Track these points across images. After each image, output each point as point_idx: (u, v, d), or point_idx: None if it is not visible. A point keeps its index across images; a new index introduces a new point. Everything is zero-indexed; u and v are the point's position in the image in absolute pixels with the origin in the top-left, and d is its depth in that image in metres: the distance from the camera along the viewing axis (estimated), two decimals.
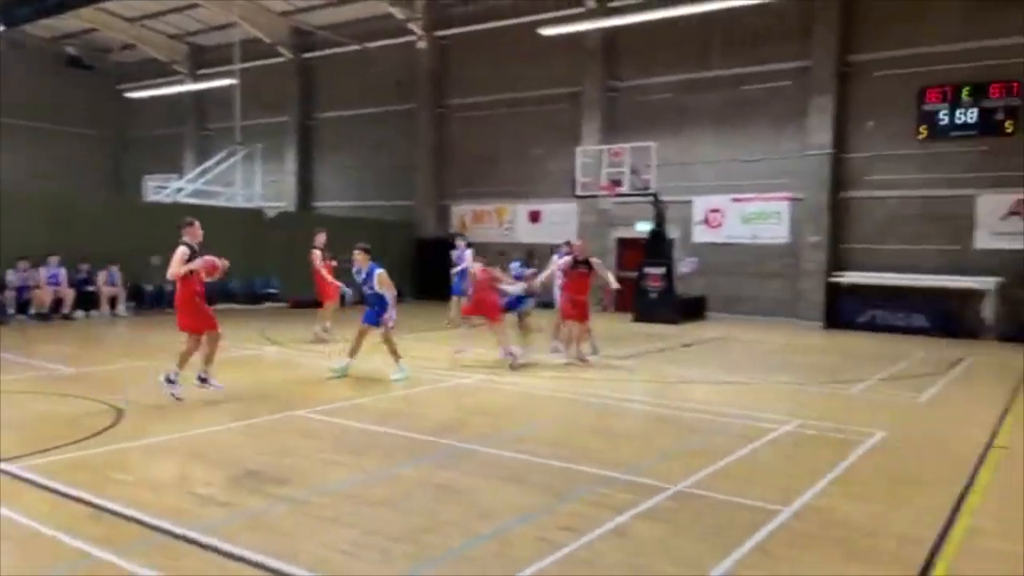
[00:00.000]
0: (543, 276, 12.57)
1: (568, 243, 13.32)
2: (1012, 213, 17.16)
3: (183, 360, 8.19)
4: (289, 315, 18.90)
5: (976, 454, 6.77)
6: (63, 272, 16.21)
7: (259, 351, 12.27)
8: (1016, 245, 17.09)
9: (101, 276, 16.95)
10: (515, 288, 11.76)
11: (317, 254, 13.56)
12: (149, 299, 17.89)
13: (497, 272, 11.85)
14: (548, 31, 20.26)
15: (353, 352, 9.98)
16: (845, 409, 8.84)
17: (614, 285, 12.11)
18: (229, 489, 5.25)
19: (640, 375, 10.92)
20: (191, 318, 8.26)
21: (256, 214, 21.89)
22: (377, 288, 9.82)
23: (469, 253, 14.68)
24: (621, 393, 9.29)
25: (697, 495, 5.38)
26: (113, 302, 17.10)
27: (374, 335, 10.07)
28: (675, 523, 4.81)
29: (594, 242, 21.53)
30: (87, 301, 16.72)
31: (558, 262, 12.25)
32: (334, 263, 13.71)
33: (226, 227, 20.51)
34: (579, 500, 5.22)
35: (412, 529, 4.56)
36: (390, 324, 9.81)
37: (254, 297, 20.50)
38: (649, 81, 21.62)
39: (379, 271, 9.86)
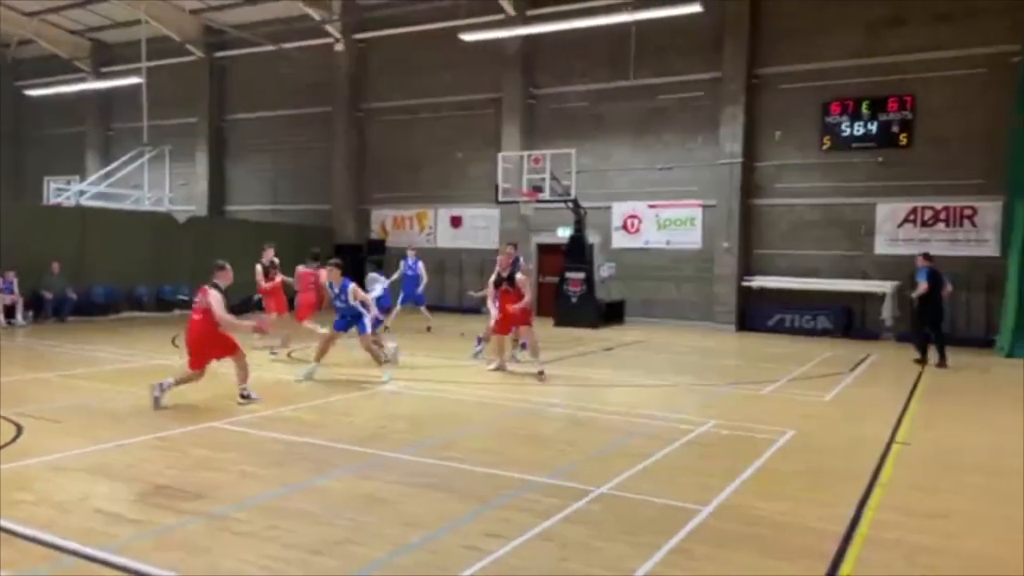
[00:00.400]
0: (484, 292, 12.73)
1: (513, 245, 12.69)
2: (907, 220, 18.17)
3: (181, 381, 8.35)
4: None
5: (879, 450, 7.12)
6: None
7: (169, 361, 11.79)
8: (911, 250, 18.07)
9: None
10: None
11: (259, 269, 12.94)
12: (49, 308, 16.94)
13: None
14: (469, 36, 20.30)
15: (319, 356, 10.26)
16: (757, 409, 9.16)
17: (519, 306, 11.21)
18: (138, 506, 5.03)
19: (562, 379, 11.04)
20: (216, 348, 8.36)
21: (166, 218, 21.08)
22: (351, 301, 10.18)
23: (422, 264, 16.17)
24: (544, 397, 9.37)
25: (620, 497, 5.48)
26: (10, 311, 16.14)
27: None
28: (600, 525, 4.88)
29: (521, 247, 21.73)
30: None
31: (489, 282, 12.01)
32: (277, 279, 13.06)
33: (134, 232, 19.79)
34: (506, 506, 5.23)
35: (335, 541, 4.47)
36: (372, 329, 10.60)
37: (163, 304, 19.69)
38: (567, 89, 21.93)
39: (352, 285, 10.20)
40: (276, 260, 13.16)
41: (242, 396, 8.44)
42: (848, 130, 18.72)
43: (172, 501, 5.12)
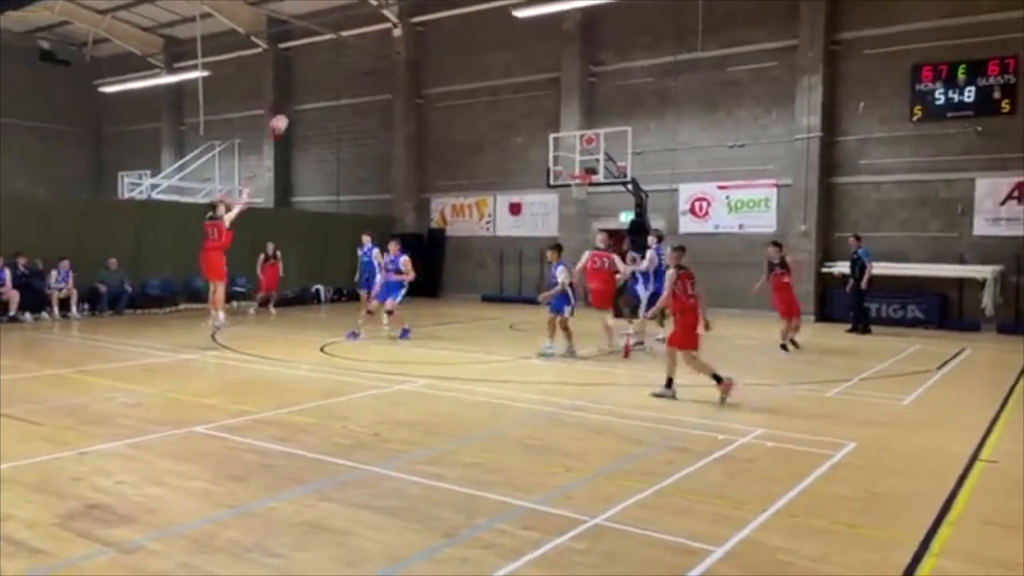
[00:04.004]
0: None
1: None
2: (1011, 197, 16.21)
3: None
4: (255, 315, 18.09)
5: (958, 470, 5.90)
6: (7, 273, 15.37)
7: (199, 356, 11.44)
8: (1016, 231, 16.14)
9: (52, 275, 16.11)
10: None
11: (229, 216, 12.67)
12: (105, 301, 17.03)
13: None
14: (522, 12, 19.32)
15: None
16: (816, 415, 7.97)
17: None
18: (53, 531, 4.41)
19: (601, 377, 10.07)
20: None
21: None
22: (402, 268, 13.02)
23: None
24: (570, 399, 8.42)
25: (615, 531, 4.53)
26: (65, 304, 16.28)
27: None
28: (574, 573, 3.96)
29: (576, 234, 20.73)
30: (35, 303, 15.88)
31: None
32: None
33: (190, 224, 19.72)
34: (471, 541, 4.37)
35: None
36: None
37: None
38: (630, 65, 20.68)
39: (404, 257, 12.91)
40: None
41: None
42: (942, 98, 16.83)
43: (94, 526, 4.49)
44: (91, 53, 31.67)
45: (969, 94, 16.54)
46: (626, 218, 19.57)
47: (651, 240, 13.38)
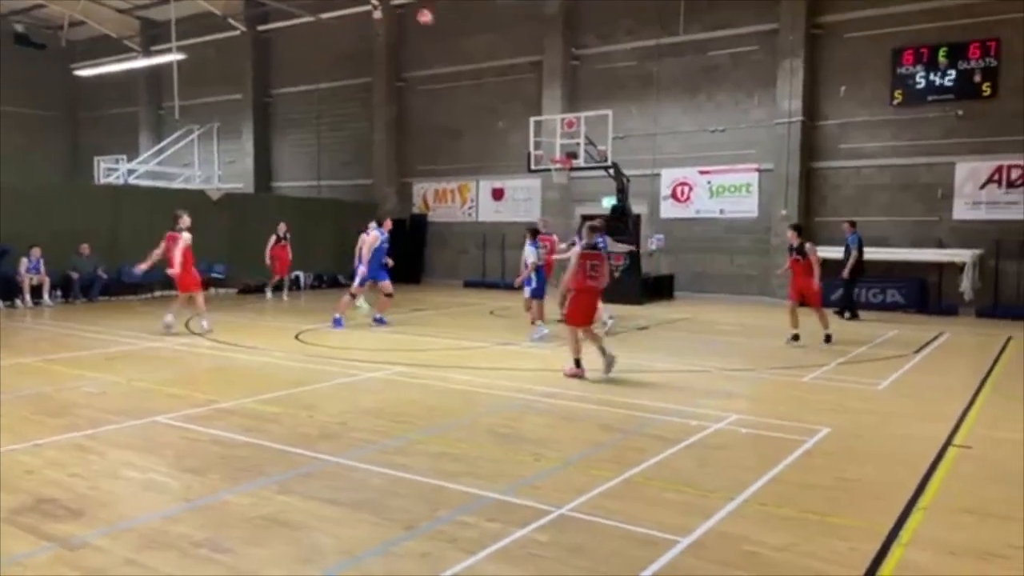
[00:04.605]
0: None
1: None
2: (991, 181, 16.21)
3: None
4: (232, 301, 17.86)
5: (931, 456, 5.84)
6: None
7: (169, 344, 11.23)
8: (995, 215, 16.16)
9: (23, 263, 15.80)
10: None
11: (188, 237, 12.08)
12: (77, 288, 16.74)
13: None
14: None
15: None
16: (792, 400, 7.92)
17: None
18: (1, 526, 4.26)
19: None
20: None
21: (199, 196, 20.72)
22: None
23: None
24: (546, 386, 8.31)
25: (580, 521, 4.43)
26: (37, 291, 15.99)
27: None
28: (535, 566, 3.85)
29: (558, 219, 20.57)
30: (6, 290, 15.59)
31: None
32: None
33: (167, 210, 19.35)
34: (434, 533, 4.25)
35: None
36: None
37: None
38: (612, 48, 20.52)
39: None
40: None
41: None
42: (923, 81, 16.79)
43: (42, 521, 4.33)
44: (67, 36, 31.03)
45: (950, 77, 16.51)
46: (608, 203, 19.49)
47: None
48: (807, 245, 11.54)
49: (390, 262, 13.52)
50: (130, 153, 29.43)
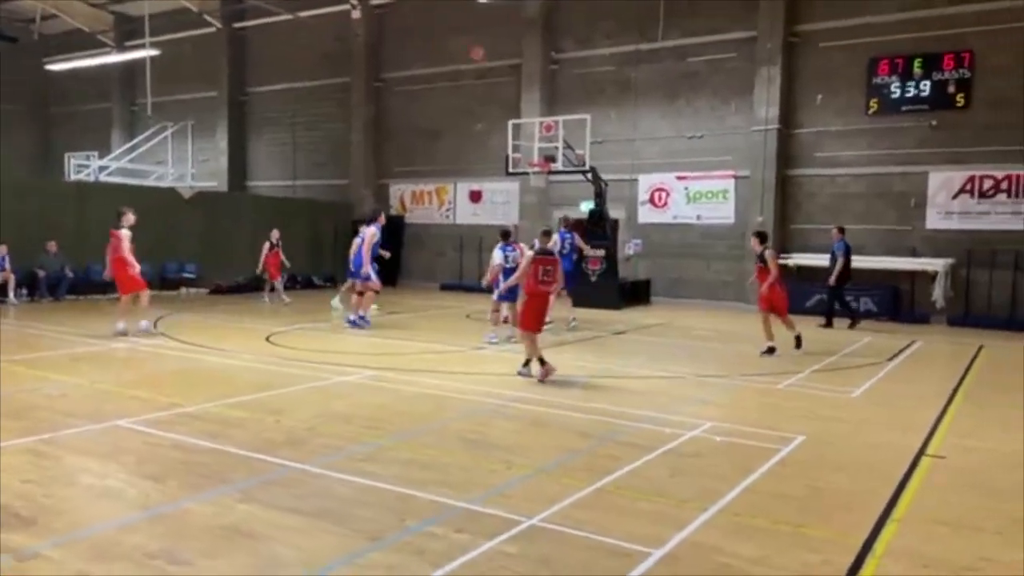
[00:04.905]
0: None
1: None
2: (963, 191, 16.37)
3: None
4: (204, 302, 17.58)
5: (904, 466, 5.82)
6: None
7: (135, 344, 10.97)
8: (967, 225, 16.33)
9: None
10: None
11: (126, 235, 11.57)
12: (44, 287, 16.38)
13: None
14: None
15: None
16: (766, 408, 7.89)
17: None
18: None
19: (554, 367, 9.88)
20: None
21: (171, 194, 20.40)
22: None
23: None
24: (517, 391, 8.21)
25: (550, 532, 4.33)
26: (1, 289, 15.61)
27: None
28: None
29: (537, 223, 20.46)
30: None
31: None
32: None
33: (141, 207, 18.92)
34: (398, 545, 4.13)
35: None
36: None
37: (168, 282, 19.03)
38: (591, 53, 20.49)
39: None
40: None
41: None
42: (897, 91, 16.93)
43: None
44: (39, 30, 30.53)
45: (924, 88, 16.66)
46: (586, 207, 19.44)
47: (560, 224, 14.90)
48: (767, 252, 11.23)
49: (386, 255, 14.13)
50: (102, 150, 28.92)
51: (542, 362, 8.72)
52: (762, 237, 11.65)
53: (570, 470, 5.55)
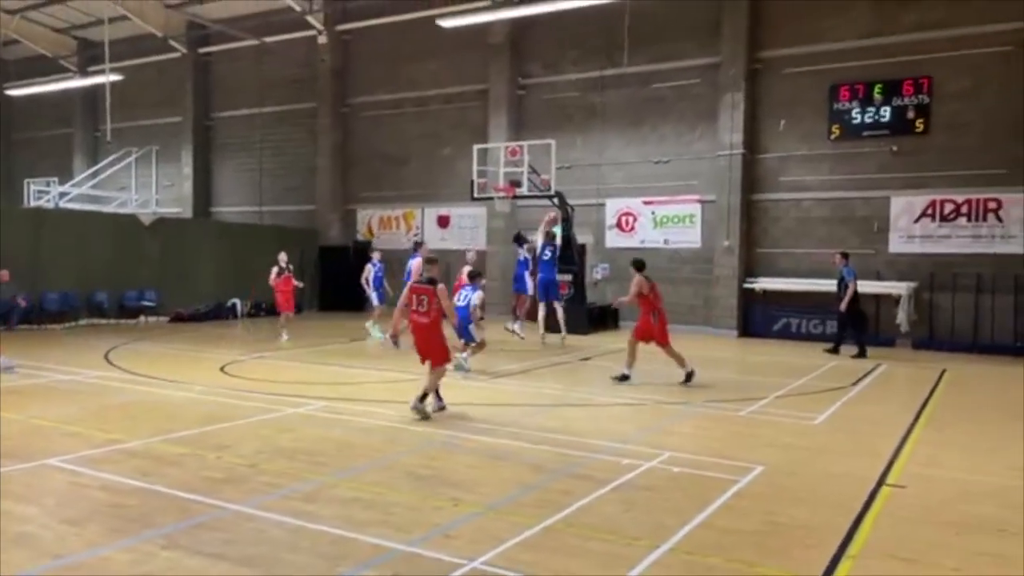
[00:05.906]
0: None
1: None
2: (924, 215, 16.52)
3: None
4: (164, 331, 17.14)
5: (863, 497, 5.67)
6: None
7: (80, 377, 10.59)
8: (929, 249, 16.46)
9: None
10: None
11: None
12: None
13: None
14: (448, 22, 19.00)
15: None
16: (727, 436, 7.73)
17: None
18: None
19: (508, 395, 9.65)
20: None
21: (130, 220, 19.97)
22: None
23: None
24: (473, 422, 7.98)
25: None
26: None
27: None
28: None
29: (504, 247, 20.37)
30: None
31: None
32: None
33: (95, 235, 18.62)
34: None
35: None
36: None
37: (126, 311, 18.57)
38: (558, 78, 20.52)
39: None
40: None
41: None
42: (859, 117, 17.09)
43: None
44: (0, 55, 30.05)
45: (884, 113, 16.84)
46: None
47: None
48: (637, 279, 10.73)
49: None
50: (64, 176, 28.42)
51: (437, 395, 8.37)
52: (638, 265, 11.17)
53: (520, 506, 5.33)
